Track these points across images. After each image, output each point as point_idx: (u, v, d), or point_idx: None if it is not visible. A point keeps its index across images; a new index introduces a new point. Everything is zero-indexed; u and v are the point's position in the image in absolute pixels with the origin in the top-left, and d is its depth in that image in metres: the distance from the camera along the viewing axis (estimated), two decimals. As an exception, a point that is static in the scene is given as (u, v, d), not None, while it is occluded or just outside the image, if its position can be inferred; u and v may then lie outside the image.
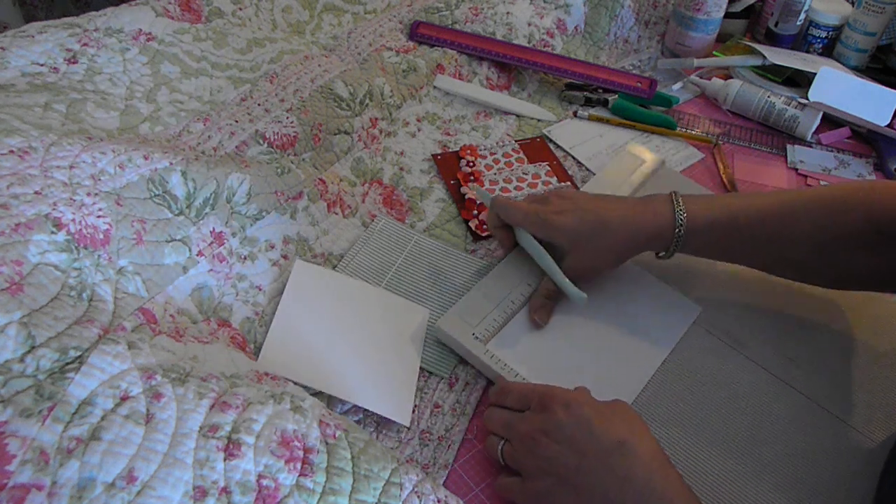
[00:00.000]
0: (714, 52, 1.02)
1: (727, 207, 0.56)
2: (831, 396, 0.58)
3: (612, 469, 0.44)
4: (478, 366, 0.58)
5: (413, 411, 0.56)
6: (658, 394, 0.57)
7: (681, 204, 0.56)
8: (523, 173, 0.80)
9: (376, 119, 0.81)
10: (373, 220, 0.71)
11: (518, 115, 0.90)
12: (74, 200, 0.49)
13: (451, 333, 0.58)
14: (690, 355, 0.60)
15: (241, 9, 0.86)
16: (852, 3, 1.03)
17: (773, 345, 0.61)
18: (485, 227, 0.72)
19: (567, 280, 0.60)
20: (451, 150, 0.83)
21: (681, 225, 0.56)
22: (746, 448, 0.54)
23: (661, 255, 0.60)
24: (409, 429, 0.55)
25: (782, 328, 0.63)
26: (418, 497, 0.44)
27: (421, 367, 0.60)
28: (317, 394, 0.54)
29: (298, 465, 0.41)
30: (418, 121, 0.86)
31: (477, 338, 0.58)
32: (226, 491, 0.39)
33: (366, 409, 0.55)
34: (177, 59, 0.74)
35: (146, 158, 0.55)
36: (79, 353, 0.41)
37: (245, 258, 0.61)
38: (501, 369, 0.57)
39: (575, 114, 0.91)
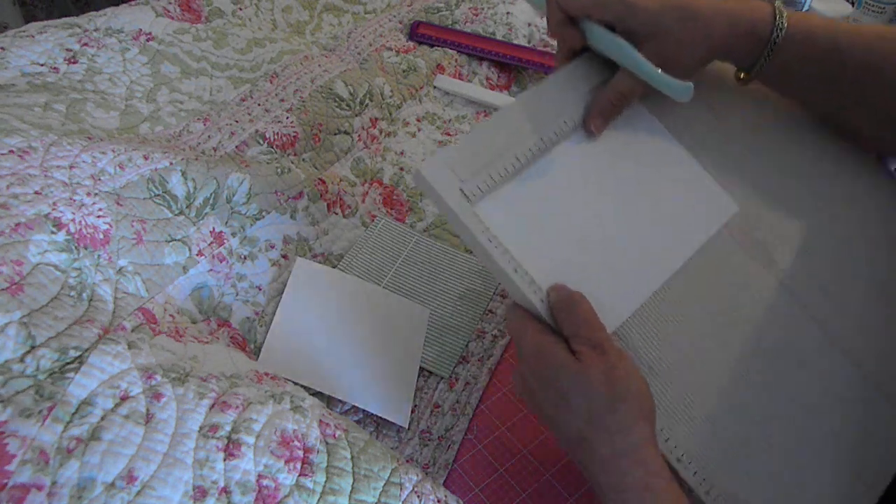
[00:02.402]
0: (714, 52, 1.02)
1: (829, 27, 0.52)
2: (856, 341, 0.52)
3: (576, 454, 0.44)
4: (458, 230, 0.45)
5: (413, 411, 0.56)
6: (663, 306, 0.48)
7: (782, 10, 0.51)
8: (523, 173, 0.80)
9: (376, 119, 0.81)
10: (373, 220, 0.71)
11: (518, 115, 0.90)
12: (74, 200, 0.49)
13: (432, 182, 0.44)
14: (712, 265, 0.51)
15: (241, 9, 0.86)
16: (852, 3, 1.03)
17: (809, 273, 0.53)
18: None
19: (661, 71, 0.47)
20: (451, 150, 0.83)
21: (781, 28, 0.50)
22: (752, 384, 0.49)
23: (742, 76, 0.54)
24: (408, 429, 0.55)
25: (825, 253, 0.54)
26: (418, 497, 0.44)
27: (421, 367, 0.60)
28: (316, 394, 0.54)
29: (298, 465, 0.41)
30: (418, 121, 0.86)
31: (464, 194, 0.45)
32: (226, 491, 0.39)
33: (365, 409, 0.55)
34: (177, 59, 0.74)
35: (146, 158, 0.55)
36: (79, 353, 0.41)
37: (245, 258, 0.61)
38: (487, 241, 0.44)
39: (575, 114, 0.91)
